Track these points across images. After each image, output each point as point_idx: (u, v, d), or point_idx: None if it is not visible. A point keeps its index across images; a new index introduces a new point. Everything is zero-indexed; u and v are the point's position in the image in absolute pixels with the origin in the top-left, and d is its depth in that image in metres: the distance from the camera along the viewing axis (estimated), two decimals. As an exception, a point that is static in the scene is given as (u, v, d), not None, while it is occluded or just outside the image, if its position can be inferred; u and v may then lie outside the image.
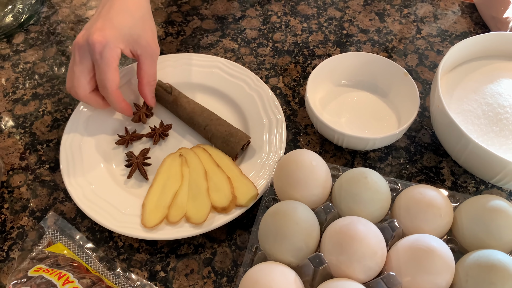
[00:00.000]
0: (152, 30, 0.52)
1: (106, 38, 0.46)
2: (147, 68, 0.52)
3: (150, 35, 0.51)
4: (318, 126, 0.52)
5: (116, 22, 0.48)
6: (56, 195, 0.52)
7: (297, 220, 0.40)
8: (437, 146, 0.56)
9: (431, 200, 0.41)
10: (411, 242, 0.39)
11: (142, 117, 0.56)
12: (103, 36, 0.46)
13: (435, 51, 0.66)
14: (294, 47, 0.67)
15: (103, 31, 0.47)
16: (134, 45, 0.50)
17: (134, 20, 0.49)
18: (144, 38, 0.50)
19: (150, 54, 0.51)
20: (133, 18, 0.49)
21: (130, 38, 0.49)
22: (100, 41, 0.46)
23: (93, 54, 0.46)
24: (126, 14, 0.49)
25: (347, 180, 0.44)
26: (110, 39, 0.47)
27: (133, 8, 0.50)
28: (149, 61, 0.52)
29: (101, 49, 0.46)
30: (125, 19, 0.49)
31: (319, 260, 0.38)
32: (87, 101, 0.50)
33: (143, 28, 0.50)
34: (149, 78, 0.53)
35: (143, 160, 0.52)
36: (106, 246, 0.48)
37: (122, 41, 0.48)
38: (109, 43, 0.46)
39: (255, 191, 0.48)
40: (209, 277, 0.46)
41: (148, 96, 0.54)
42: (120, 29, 0.48)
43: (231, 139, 0.52)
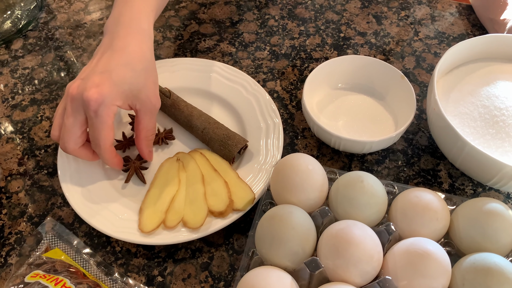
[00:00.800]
0: (154, 83, 0.48)
1: (102, 96, 0.43)
2: (146, 122, 0.48)
3: (151, 89, 0.47)
4: (315, 129, 0.53)
5: (116, 78, 0.44)
6: (54, 200, 0.52)
7: (294, 224, 0.40)
8: (434, 148, 0.56)
9: (428, 203, 0.41)
10: (408, 246, 0.39)
11: None
12: (100, 94, 0.43)
13: (432, 53, 0.66)
14: (291, 50, 0.67)
15: (100, 87, 0.43)
16: (133, 100, 0.46)
17: (135, 74, 0.45)
18: (144, 93, 0.46)
19: (150, 109, 0.47)
20: (134, 71, 0.45)
21: (130, 94, 0.45)
22: (96, 99, 0.42)
23: (87, 110, 0.43)
24: (127, 68, 0.45)
25: (343, 184, 0.44)
26: (107, 97, 0.43)
27: (135, 60, 0.46)
28: (149, 116, 0.48)
29: (97, 108, 0.43)
30: (125, 73, 0.45)
31: (315, 265, 0.38)
32: (76, 154, 0.47)
33: (145, 83, 0.46)
34: (147, 132, 0.49)
35: (140, 164, 0.52)
36: (104, 251, 0.48)
37: (121, 98, 0.45)
38: (105, 101, 0.43)
39: (252, 195, 0.48)
40: (207, 282, 0.46)
41: (145, 151, 0.50)
42: (119, 85, 0.44)
43: (229, 142, 0.52)
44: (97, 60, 0.46)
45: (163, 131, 0.56)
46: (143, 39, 0.47)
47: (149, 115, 0.48)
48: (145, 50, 0.47)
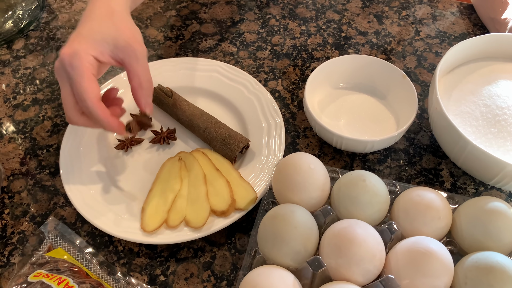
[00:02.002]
0: (130, 29, 0.47)
1: (73, 49, 0.43)
2: (134, 69, 0.46)
3: (128, 35, 0.46)
4: (317, 129, 0.53)
5: (84, 32, 0.44)
6: (56, 200, 0.52)
7: (296, 223, 0.40)
8: (436, 147, 0.56)
9: (430, 202, 0.41)
10: (410, 245, 0.39)
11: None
12: (70, 48, 0.43)
13: (433, 53, 0.66)
14: (292, 50, 0.67)
15: (71, 43, 0.43)
16: (113, 50, 0.45)
17: (103, 24, 0.45)
18: (121, 40, 0.45)
19: (133, 55, 0.45)
20: (101, 22, 0.45)
21: (104, 43, 0.44)
22: (68, 53, 0.42)
23: (65, 69, 0.43)
24: (94, 21, 0.45)
25: (345, 183, 0.44)
26: (78, 48, 0.43)
27: (101, 15, 0.46)
28: (134, 61, 0.46)
29: (70, 60, 0.42)
30: (92, 25, 0.45)
31: (317, 264, 0.38)
32: (81, 124, 0.46)
33: (118, 30, 0.45)
34: (139, 80, 0.46)
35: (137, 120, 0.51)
36: (106, 250, 0.48)
37: (94, 47, 0.44)
38: (77, 52, 0.42)
39: (254, 194, 0.48)
40: (209, 281, 0.46)
41: (142, 101, 0.47)
42: (88, 36, 0.44)
43: (231, 141, 0.52)
44: None
45: (166, 130, 0.56)
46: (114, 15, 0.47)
47: (134, 61, 0.46)
48: (112, 6, 0.47)
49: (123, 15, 0.47)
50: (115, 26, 0.45)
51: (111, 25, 0.45)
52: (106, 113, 0.44)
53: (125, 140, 0.55)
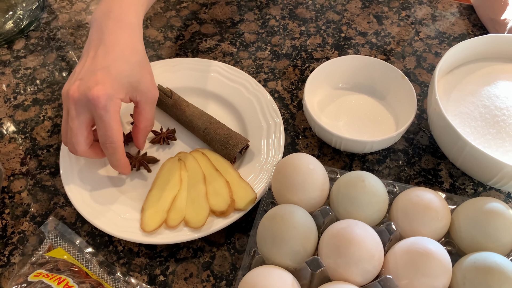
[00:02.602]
0: (150, 74, 0.49)
1: (107, 92, 0.43)
2: (147, 113, 0.49)
3: (148, 80, 0.48)
4: (316, 129, 0.53)
5: (114, 72, 0.45)
6: (57, 200, 0.52)
7: (295, 224, 0.40)
8: (435, 148, 0.56)
9: (428, 203, 0.42)
10: (409, 245, 0.39)
11: None
12: (105, 90, 0.43)
13: (433, 53, 0.67)
14: (292, 50, 0.67)
15: (103, 84, 0.43)
16: (133, 92, 0.47)
17: (131, 67, 0.46)
18: (143, 84, 0.47)
19: (150, 99, 0.49)
20: (130, 64, 0.46)
21: (129, 86, 0.46)
22: (103, 95, 0.43)
23: (95, 109, 0.43)
24: (123, 61, 0.46)
25: (344, 183, 0.44)
26: (111, 92, 0.44)
27: (129, 53, 0.46)
28: (149, 106, 0.49)
29: (105, 104, 0.43)
30: (122, 67, 0.45)
31: (316, 264, 0.38)
32: (87, 155, 0.47)
33: (142, 74, 0.47)
34: (146, 123, 0.50)
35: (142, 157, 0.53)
36: (106, 250, 0.48)
37: (122, 91, 0.45)
38: (112, 97, 0.44)
39: (254, 195, 0.48)
40: (208, 281, 0.46)
41: (141, 141, 0.51)
42: (119, 79, 0.45)
43: (230, 142, 0.52)
44: (92, 58, 0.46)
45: (166, 130, 0.56)
46: (133, 33, 0.48)
47: (149, 106, 0.49)
48: (136, 43, 0.48)
49: (144, 54, 0.49)
50: (140, 71, 0.47)
51: (137, 69, 0.47)
52: (125, 156, 0.48)
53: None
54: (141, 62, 0.48)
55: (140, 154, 0.54)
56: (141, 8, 0.51)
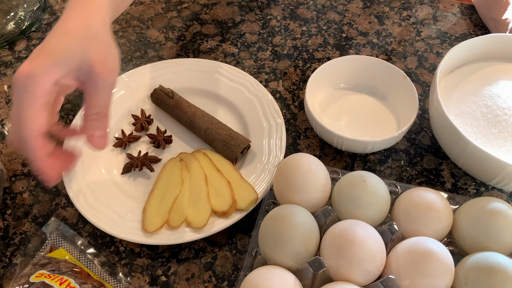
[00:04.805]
0: (101, 51, 0.39)
1: (31, 69, 0.36)
2: (90, 99, 0.39)
3: (96, 58, 0.39)
4: (318, 129, 0.53)
5: (49, 48, 0.38)
6: (58, 200, 0.52)
7: (296, 224, 0.40)
8: (437, 148, 0.56)
9: (430, 203, 0.41)
10: (411, 245, 0.39)
11: (145, 125, 0.56)
12: (29, 67, 0.36)
13: (434, 53, 0.66)
14: (293, 50, 0.67)
15: (32, 61, 0.37)
16: (78, 71, 0.38)
17: (74, 41, 0.38)
18: (87, 62, 0.38)
19: (94, 82, 0.39)
20: (73, 39, 0.38)
21: (69, 63, 0.38)
22: (25, 72, 0.36)
23: (17, 89, 0.36)
24: (64, 36, 0.39)
25: (346, 183, 0.44)
26: (37, 68, 0.36)
27: (75, 28, 0.39)
28: (93, 90, 0.39)
29: (24, 82, 0.36)
30: (61, 41, 0.38)
31: (318, 264, 0.38)
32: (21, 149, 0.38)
33: (87, 50, 0.38)
34: (90, 111, 0.39)
35: (144, 157, 0.53)
36: (108, 251, 0.48)
37: (57, 68, 0.37)
38: (35, 73, 0.36)
39: (255, 195, 0.48)
40: (210, 281, 0.46)
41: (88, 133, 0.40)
42: (52, 54, 0.37)
43: (232, 142, 0.52)
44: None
45: (163, 132, 0.56)
46: (89, 10, 0.41)
47: (93, 90, 0.39)
48: (90, 18, 0.40)
49: (100, 31, 0.41)
50: (85, 45, 0.39)
51: (81, 43, 0.39)
52: (41, 151, 0.38)
53: (123, 138, 0.55)
54: (91, 37, 0.39)
55: (141, 154, 0.54)
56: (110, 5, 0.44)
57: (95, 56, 0.39)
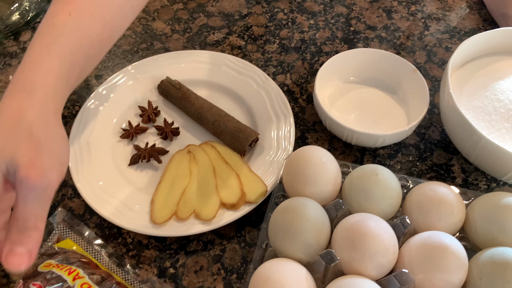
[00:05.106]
0: (34, 149, 0.33)
1: None
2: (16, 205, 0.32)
3: (26, 158, 0.32)
4: (327, 123, 0.52)
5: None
6: (65, 191, 0.52)
7: (308, 217, 0.40)
8: (447, 143, 0.55)
9: (443, 197, 0.41)
10: (424, 239, 0.38)
11: (152, 117, 0.56)
12: None
13: (443, 48, 0.66)
14: (301, 44, 0.66)
15: None
16: (7, 174, 0.33)
17: (4, 138, 0.33)
18: (14, 162, 0.32)
19: (20, 186, 0.32)
20: (2, 135, 0.33)
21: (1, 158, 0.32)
22: None
23: None
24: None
25: (357, 176, 0.43)
26: None
27: (5, 120, 0.34)
28: (19, 196, 0.32)
29: None
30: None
31: (330, 257, 0.37)
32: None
33: (16, 148, 0.33)
34: (15, 221, 0.32)
35: (151, 149, 0.52)
36: (115, 242, 0.48)
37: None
38: None
39: (264, 188, 0.48)
40: (219, 274, 0.46)
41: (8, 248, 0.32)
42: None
43: (240, 134, 0.52)
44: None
45: (170, 124, 0.55)
46: (27, 98, 0.35)
47: (20, 195, 0.32)
48: (24, 110, 0.34)
49: (35, 125, 0.34)
50: (13, 142, 0.33)
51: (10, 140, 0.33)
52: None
53: (130, 129, 0.55)
54: (21, 133, 0.33)
55: (148, 145, 0.53)
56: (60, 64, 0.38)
57: (23, 157, 0.33)
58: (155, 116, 0.56)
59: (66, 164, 0.36)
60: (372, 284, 0.36)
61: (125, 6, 0.44)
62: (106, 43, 0.43)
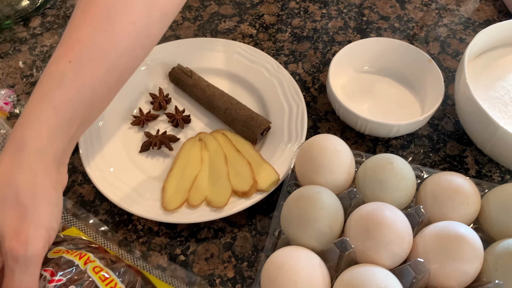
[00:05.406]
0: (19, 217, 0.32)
1: None
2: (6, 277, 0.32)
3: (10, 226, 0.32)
4: (341, 112, 0.52)
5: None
6: (75, 177, 0.52)
7: (322, 204, 0.39)
8: (461, 134, 0.54)
9: (459, 187, 0.40)
10: (439, 229, 0.38)
11: (163, 104, 0.55)
12: None
13: (457, 39, 0.65)
14: (313, 33, 0.66)
15: None
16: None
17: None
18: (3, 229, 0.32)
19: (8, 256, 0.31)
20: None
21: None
22: None
23: None
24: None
25: (372, 166, 0.43)
26: None
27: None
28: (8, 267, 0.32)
29: None
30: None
31: (345, 245, 0.37)
32: None
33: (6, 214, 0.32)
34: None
35: (162, 136, 0.52)
36: (125, 229, 0.47)
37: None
38: None
39: (277, 176, 0.47)
40: (230, 262, 0.45)
41: None
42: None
43: (252, 123, 0.51)
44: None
45: (181, 111, 0.55)
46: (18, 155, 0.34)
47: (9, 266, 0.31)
48: (13, 171, 0.33)
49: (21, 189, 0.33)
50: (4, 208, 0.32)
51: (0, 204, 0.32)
52: None
53: (141, 116, 0.54)
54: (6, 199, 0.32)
55: (159, 133, 0.53)
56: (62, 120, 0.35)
57: (8, 227, 0.32)
58: (166, 104, 0.56)
59: (55, 230, 0.35)
60: (387, 273, 0.36)
61: (135, 46, 0.38)
62: (114, 87, 0.40)
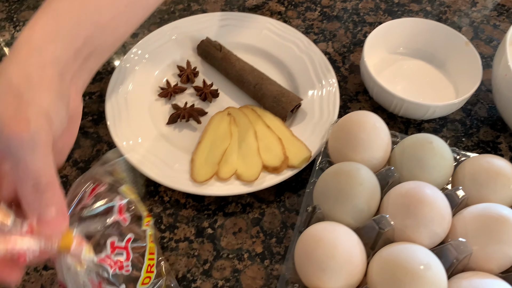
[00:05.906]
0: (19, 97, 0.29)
1: None
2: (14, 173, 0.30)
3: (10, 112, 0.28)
4: (375, 91, 0.50)
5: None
6: (100, 147, 0.51)
7: (361, 181, 0.38)
8: (494, 120, 0.53)
9: (501, 169, 0.39)
10: (480, 210, 0.37)
11: (191, 77, 0.54)
12: None
13: (491, 25, 0.63)
14: (343, 13, 0.64)
15: None
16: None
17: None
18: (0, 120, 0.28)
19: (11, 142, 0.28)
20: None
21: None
22: None
23: None
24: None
25: (410, 145, 0.42)
26: None
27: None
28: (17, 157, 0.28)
29: None
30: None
31: (384, 222, 0.36)
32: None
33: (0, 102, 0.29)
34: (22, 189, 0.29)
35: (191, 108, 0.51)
36: (152, 200, 0.47)
37: None
38: None
39: (309, 153, 0.46)
40: (258, 237, 0.45)
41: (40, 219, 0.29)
42: None
43: (283, 99, 0.50)
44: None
45: (209, 85, 0.54)
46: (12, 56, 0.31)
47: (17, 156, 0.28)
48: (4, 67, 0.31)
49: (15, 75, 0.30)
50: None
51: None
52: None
53: (168, 88, 0.53)
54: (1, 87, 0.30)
55: (187, 105, 0.52)
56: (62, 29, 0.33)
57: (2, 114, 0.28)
58: (194, 77, 0.55)
59: (59, 116, 0.31)
60: (428, 251, 0.35)
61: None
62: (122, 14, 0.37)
